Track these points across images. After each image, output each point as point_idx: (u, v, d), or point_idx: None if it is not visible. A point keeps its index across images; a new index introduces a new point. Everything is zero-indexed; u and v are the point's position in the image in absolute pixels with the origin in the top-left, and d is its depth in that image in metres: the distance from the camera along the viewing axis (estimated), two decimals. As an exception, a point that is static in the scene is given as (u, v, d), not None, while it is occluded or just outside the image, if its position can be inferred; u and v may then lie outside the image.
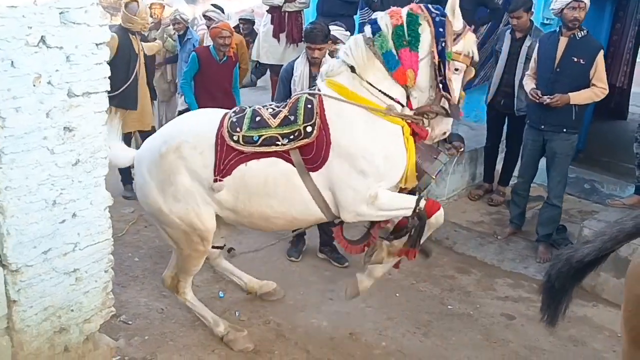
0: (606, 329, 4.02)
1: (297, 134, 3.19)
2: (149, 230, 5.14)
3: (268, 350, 3.65)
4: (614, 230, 2.42)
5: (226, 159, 3.24)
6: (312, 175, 3.22)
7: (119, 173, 5.65)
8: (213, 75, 5.71)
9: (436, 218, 3.29)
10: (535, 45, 5.02)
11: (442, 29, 3.11)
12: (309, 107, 3.22)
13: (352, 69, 3.24)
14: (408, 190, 3.37)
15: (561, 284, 2.51)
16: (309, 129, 3.18)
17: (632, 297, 2.31)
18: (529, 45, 5.28)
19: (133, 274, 4.46)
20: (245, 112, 3.34)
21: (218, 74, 5.73)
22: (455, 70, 3.19)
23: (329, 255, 4.81)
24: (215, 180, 3.25)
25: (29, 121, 2.59)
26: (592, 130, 6.68)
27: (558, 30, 4.81)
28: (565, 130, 4.74)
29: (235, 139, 3.23)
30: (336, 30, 4.64)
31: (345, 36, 4.70)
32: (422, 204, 3.25)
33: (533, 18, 5.58)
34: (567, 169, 4.96)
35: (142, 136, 5.75)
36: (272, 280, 4.26)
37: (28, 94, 2.56)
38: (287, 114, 3.25)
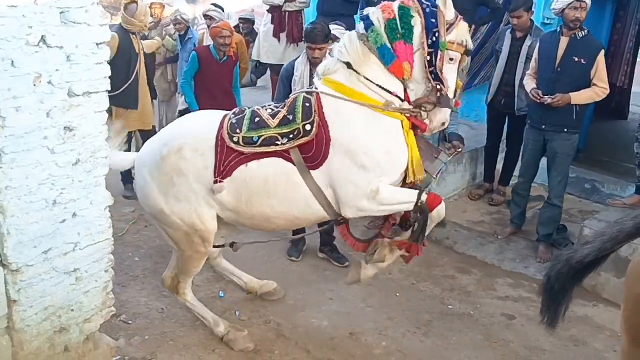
0: (607, 329, 4.02)
1: (296, 132, 3.19)
2: (149, 229, 5.14)
3: (268, 350, 3.65)
4: (614, 231, 2.41)
5: (226, 160, 3.25)
6: (313, 174, 3.22)
7: (119, 172, 5.64)
8: (213, 74, 5.70)
9: (438, 212, 3.29)
10: (536, 45, 5.02)
11: (434, 20, 3.12)
12: (307, 106, 3.23)
13: (348, 65, 3.24)
14: (415, 183, 3.36)
15: (561, 285, 2.51)
16: (307, 127, 3.18)
17: (631, 295, 2.31)
18: (530, 44, 5.27)
19: (133, 274, 4.46)
20: (244, 113, 3.35)
21: (218, 73, 5.73)
22: (450, 59, 3.19)
23: (329, 254, 4.80)
24: (216, 182, 3.25)
25: (29, 121, 2.58)
26: (593, 130, 6.68)
27: (559, 29, 4.81)
28: (566, 130, 4.74)
29: (235, 140, 3.24)
30: (336, 30, 4.63)
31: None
32: (424, 197, 3.25)
33: (533, 17, 5.57)
34: (568, 169, 4.95)
35: (143, 136, 5.75)
36: (272, 279, 4.26)
37: (28, 93, 2.56)
38: (286, 114, 3.25)
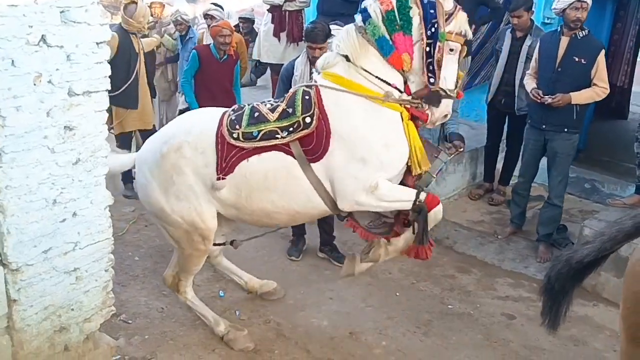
0: (607, 329, 4.01)
1: (296, 125, 3.18)
2: (149, 229, 5.15)
3: (268, 350, 3.65)
4: (613, 231, 2.42)
5: (227, 157, 3.25)
6: (314, 167, 3.22)
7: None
8: (213, 73, 5.70)
9: (435, 213, 3.28)
10: (536, 45, 5.02)
11: (432, 11, 3.11)
12: (307, 99, 3.22)
13: (347, 58, 3.23)
14: (422, 175, 3.35)
15: (561, 286, 2.52)
16: (308, 119, 3.17)
17: (630, 294, 2.31)
18: (530, 44, 5.27)
19: (133, 273, 4.46)
20: (243, 110, 3.35)
21: (218, 72, 5.73)
22: (450, 50, 3.18)
23: (329, 254, 4.81)
24: (218, 179, 3.25)
25: (30, 120, 2.58)
26: (593, 130, 6.67)
27: (559, 29, 4.80)
28: (566, 130, 4.74)
29: (235, 136, 3.24)
30: (336, 30, 4.62)
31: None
32: (423, 196, 3.24)
33: (534, 17, 5.57)
34: (568, 169, 4.95)
35: (143, 136, 5.74)
36: (272, 279, 4.26)
37: (28, 93, 2.55)
38: (285, 107, 3.25)
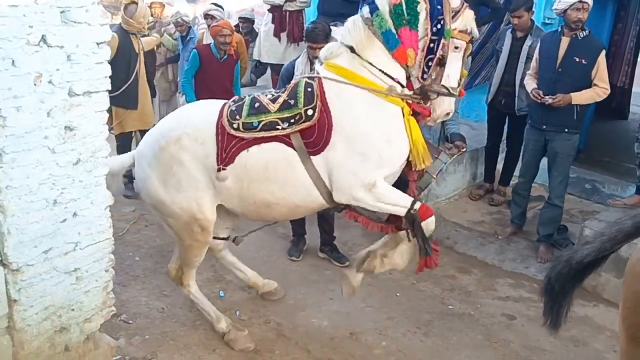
0: (607, 329, 4.01)
1: (297, 117, 3.17)
2: (149, 229, 5.15)
3: (268, 350, 3.65)
4: (613, 231, 2.42)
5: (228, 147, 3.23)
6: (314, 159, 3.20)
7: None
8: (214, 73, 5.71)
9: (427, 224, 3.26)
10: (536, 45, 5.02)
11: (440, 7, 3.10)
12: (309, 91, 3.21)
13: (352, 49, 3.21)
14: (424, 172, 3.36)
15: (561, 286, 2.52)
16: (310, 112, 3.16)
17: (630, 294, 2.31)
18: (530, 44, 5.27)
19: (134, 273, 4.46)
20: (244, 100, 3.34)
21: (219, 72, 5.73)
22: (455, 48, 3.17)
23: (329, 254, 4.80)
24: (219, 170, 3.24)
25: (30, 120, 2.58)
26: (593, 130, 6.67)
27: (560, 30, 4.80)
28: (566, 130, 4.73)
29: (235, 126, 3.23)
30: (335, 31, 4.62)
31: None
32: (417, 206, 3.23)
33: (534, 17, 5.57)
34: (569, 169, 4.95)
35: (144, 136, 5.75)
36: (272, 279, 4.26)
37: (29, 93, 2.56)
38: (287, 98, 3.23)
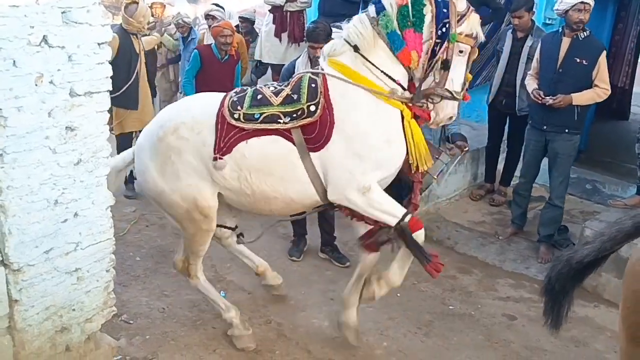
0: (608, 330, 4.01)
1: (300, 112, 3.17)
2: (150, 229, 5.15)
3: (269, 350, 3.65)
4: (613, 231, 2.42)
5: (226, 137, 3.23)
6: (312, 156, 3.20)
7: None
8: (215, 73, 5.71)
9: (416, 236, 3.26)
10: (537, 45, 5.02)
11: (445, 10, 3.09)
12: (313, 87, 3.21)
13: (355, 48, 3.21)
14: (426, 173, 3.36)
15: (561, 286, 2.52)
16: (312, 108, 3.15)
17: (630, 294, 2.31)
18: (531, 45, 5.27)
19: (134, 274, 4.46)
20: (246, 92, 3.34)
21: (220, 72, 5.74)
22: (460, 52, 3.16)
23: (330, 255, 4.81)
24: (216, 159, 3.24)
25: (31, 121, 2.59)
26: (594, 131, 6.67)
27: (561, 30, 4.80)
28: (567, 130, 4.74)
29: (235, 116, 3.22)
30: (337, 33, 4.62)
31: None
32: (407, 218, 3.23)
33: (535, 18, 5.57)
34: (569, 170, 4.95)
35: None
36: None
37: (30, 93, 2.56)
38: (290, 93, 3.23)
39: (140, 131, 5.78)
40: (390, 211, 3.24)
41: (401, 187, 3.71)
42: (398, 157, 3.24)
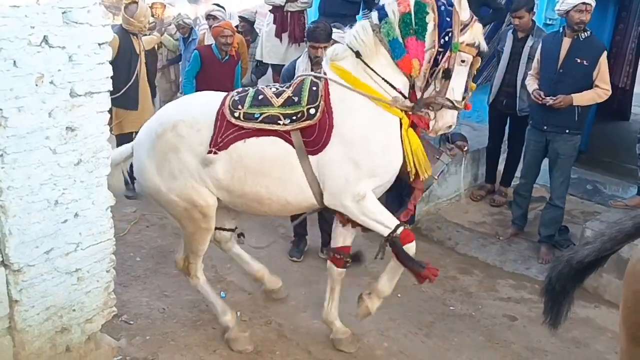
0: (609, 331, 4.01)
1: (300, 115, 3.17)
2: (150, 229, 5.15)
3: (270, 351, 3.64)
4: (613, 231, 2.42)
5: (224, 134, 3.23)
6: (311, 159, 3.21)
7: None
8: (215, 73, 5.71)
9: (407, 249, 3.27)
10: (538, 46, 5.02)
11: (449, 19, 3.09)
12: (314, 90, 3.21)
13: (357, 54, 3.22)
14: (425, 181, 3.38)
15: (562, 286, 2.52)
16: (312, 111, 3.16)
17: (630, 294, 2.31)
18: (531, 45, 5.27)
19: (135, 274, 4.45)
20: (248, 92, 3.35)
21: (220, 72, 5.74)
22: (462, 61, 3.16)
23: (330, 255, 4.80)
24: (210, 152, 3.23)
25: (32, 121, 2.59)
26: (595, 131, 6.67)
27: (561, 30, 4.80)
28: (568, 131, 4.73)
29: (236, 115, 3.23)
30: (336, 33, 4.62)
31: (343, 38, 4.67)
32: (400, 230, 3.24)
33: (535, 18, 5.57)
34: (570, 170, 4.95)
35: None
36: (273, 280, 4.26)
37: (30, 93, 2.56)
38: (291, 95, 3.24)
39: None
40: (383, 221, 3.26)
41: (401, 187, 3.71)
42: (394, 164, 3.25)
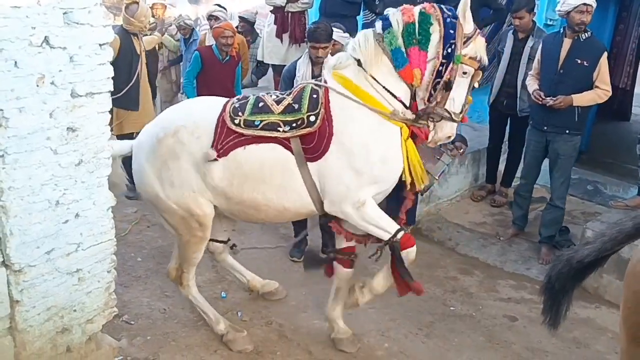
0: (609, 331, 4.01)
1: (299, 122, 3.18)
2: (151, 230, 5.15)
3: (270, 351, 3.65)
4: (614, 231, 2.43)
5: (225, 140, 3.24)
6: (310, 166, 3.22)
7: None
8: (216, 74, 5.71)
9: (408, 253, 3.28)
10: (538, 46, 5.02)
11: (452, 31, 3.10)
12: (314, 97, 3.22)
13: (359, 63, 3.22)
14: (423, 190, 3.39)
15: (561, 285, 2.52)
16: (312, 118, 3.17)
17: (631, 294, 2.31)
18: (532, 45, 5.27)
19: (136, 274, 4.46)
20: (248, 99, 3.36)
21: (221, 73, 5.74)
22: (464, 73, 3.17)
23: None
24: (213, 160, 3.23)
25: (33, 121, 2.59)
26: (595, 132, 6.67)
27: (562, 31, 4.80)
28: (568, 131, 4.73)
29: (236, 122, 3.24)
30: (336, 33, 4.63)
31: (343, 38, 4.69)
32: (400, 235, 3.25)
33: (536, 19, 5.57)
34: (570, 170, 4.95)
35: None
36: (274, 280, 4.26)
37: (31, 94, 2.56)
38: (291, 102, 3.25)
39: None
40: (384, 227, 3.27)
41: (402, 188, 3.71)
42: (394, 173, 3.26)
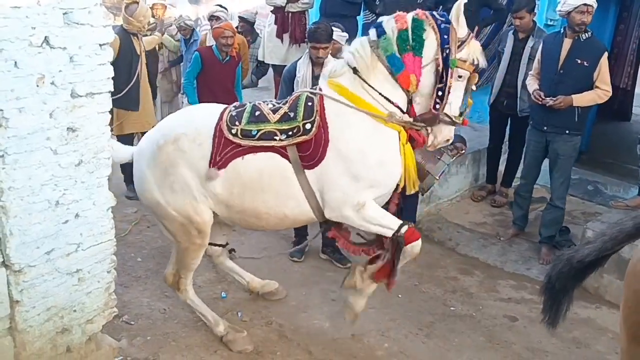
0: (609, 331, 4.00)
1: (295, 130, 3.19)
2: (151, 230, 5.15)
3: (270, 352, 3.64)
4: (614, 231, 2.42)
5: (223, 152, 3.24)
6: (307, 173, 3.22)
7: (122, 173, 5.65)
8: (216, 75, 5.71)
9: (412, 247, 3.28)
10: (539, 46, 5.02)
11: (446, 36, 3.12)
12: (310, 105, 3.23)
13: (355, 70, 3.24)
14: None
15: (562, 285, 2.52)
16: (308, 126, 3.18)
17: (631, 294, 2.31)
18: (532, 45, 5.27)
19: (136, 275, 4.46)
20: (245, 107, 3.36)
21: (221, 73, 5.74)
22: (459, 77, 3.19)
23: (331, 256, 4.80)
24: (213, 173, 3.24)
25: (32, 122, 2.59)
26: (596, 132, 6.67)
27: (562, 31, 4.80)
28: (568, 131, 4.73)
29: (233, 132, 3.24)
30: (336, 33, 4.63)
31: (343, 37, 4.69)
32: (404, 229, 3.25)
33: (536, 19, 5.57)
34: (570, 171, 4.95)
35: (145, 136, 5.76)
36: (274, 280, 4.26)
37: (31, 94, 2.56)
38: (287, 111, 3.26)
39: (141, 133, 5.85)
40: (386, 224, 3.28)
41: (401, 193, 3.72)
42: (393, 177, 3.26)
